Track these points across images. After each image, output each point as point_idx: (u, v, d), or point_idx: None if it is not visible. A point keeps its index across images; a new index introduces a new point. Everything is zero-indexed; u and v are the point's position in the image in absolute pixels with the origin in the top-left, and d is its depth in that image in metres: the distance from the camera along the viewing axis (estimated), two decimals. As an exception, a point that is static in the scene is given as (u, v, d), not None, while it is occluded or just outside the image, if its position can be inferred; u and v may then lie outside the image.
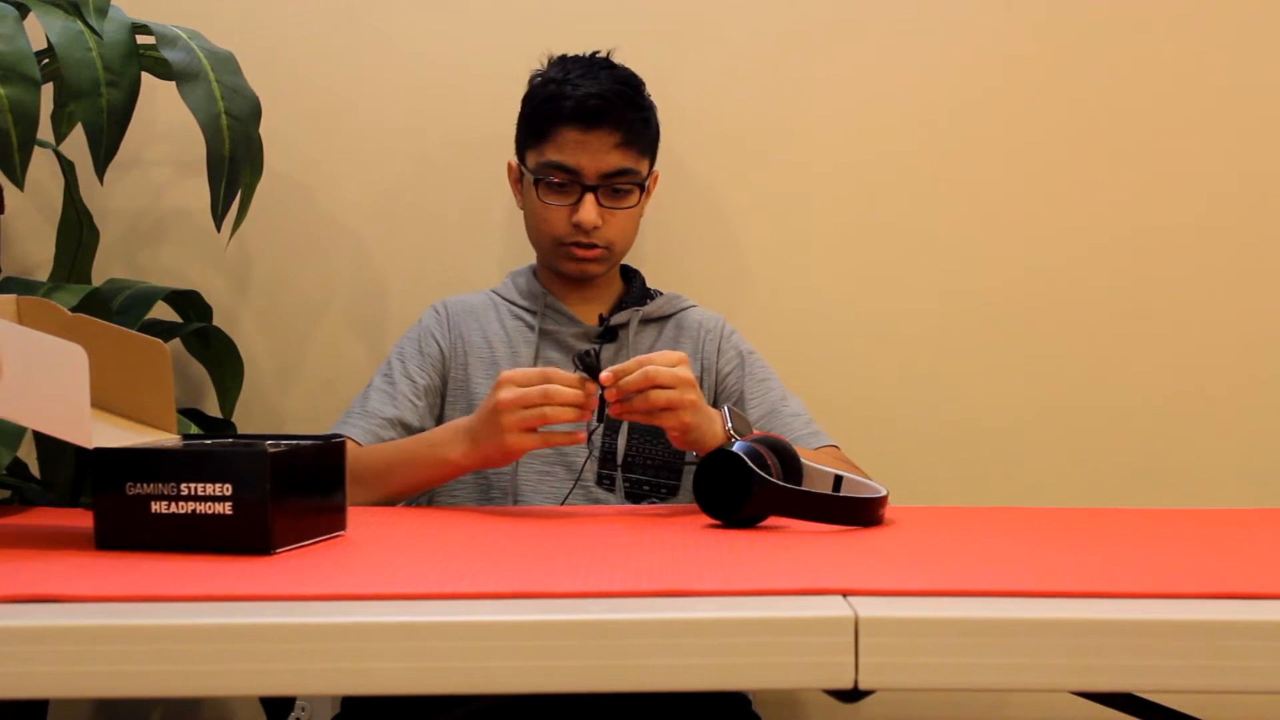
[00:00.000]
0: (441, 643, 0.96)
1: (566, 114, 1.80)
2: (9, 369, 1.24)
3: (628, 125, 1.81)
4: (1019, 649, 0.96)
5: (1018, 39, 2.20)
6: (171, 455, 1.26)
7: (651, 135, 1.88)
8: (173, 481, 1.24)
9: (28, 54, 1.65)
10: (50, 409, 1.26)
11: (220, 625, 0.96)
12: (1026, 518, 1.52)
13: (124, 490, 1.25)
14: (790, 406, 1.84)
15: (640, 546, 1.27)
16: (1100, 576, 1.13)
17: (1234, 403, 2.21)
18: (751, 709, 1.71)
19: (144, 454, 1.27)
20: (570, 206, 1.81)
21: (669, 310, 1.91)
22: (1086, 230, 2.21)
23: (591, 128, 1.80)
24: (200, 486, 1.23)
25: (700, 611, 0.98)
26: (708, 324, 1.91)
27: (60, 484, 1.88)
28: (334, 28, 2.20)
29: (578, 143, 1.80)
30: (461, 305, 1.91)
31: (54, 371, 1.25)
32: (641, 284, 1.95)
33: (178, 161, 2.20)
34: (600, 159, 1.80)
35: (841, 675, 0.96)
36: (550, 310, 1.88)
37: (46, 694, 0.99)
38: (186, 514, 1.24)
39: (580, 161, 1.80)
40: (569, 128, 1.80)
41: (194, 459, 1.24)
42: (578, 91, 1.80)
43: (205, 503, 1.23)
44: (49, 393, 1.25)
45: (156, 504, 1.24)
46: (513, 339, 1.87)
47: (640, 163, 1.85)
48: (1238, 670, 0.96)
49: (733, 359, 1.89)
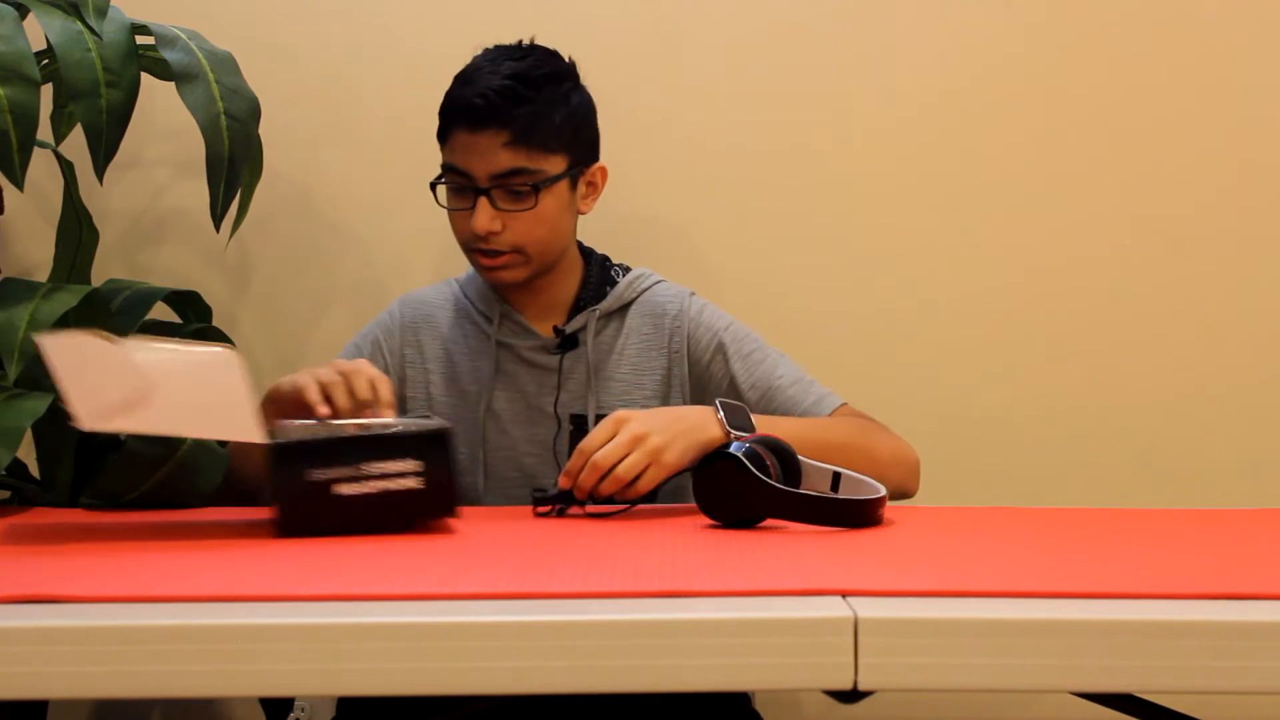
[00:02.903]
0: (441, 643, 0.96)
1: (456, 114, 1.73)
2: (161, 385, 1.26)
3: (517, 122, 1.69)
4: (1019, 649, 0.96)
5: (1017, 38, 2.20)
6: (351, 440, 1.34)
7: (557, 128, 1.73)
8: (354, 464, 1.32)
9: (27, 54, 1.65)
10: (212, 414, 1.30)
11: (220, 625, 0.96)
12: (1026, 518, 1.52)
13: (305, 478, 1.31)
14: (785, 376, 1.77)
15: (640, 546, 1.27)
16: (1100, 576, 1.13)
17: (1234, 403, 2.21)
18: (752, 709, 1.71)
19: (324, 442, 1.34)
20: (469, 211, 1.73)
21: (629, 298, 1.83)
22: (1087, 230, 2.21)
23: (478, 128, 1.70)
24: (386, 465, 1.33)
25: (700, 612, 0.98)
26: (673, 308, 1.83)
27: (60, 484, 1.88)
28: (334, 28, 2.20)
29: (467, 144, 1.72)
30: (422, 309, 1.86)
31: (208, 378, 1.29)
32: (601, 270, 1.86)
33: (177, 162, 2.20)
34: (489, 160, 1.70)
35: (841, 675, 0.96)
36: (506, 320, 1.82)
37: (46, 694, 0.99)
38: (375, 493, 1.32)
39: (470, 163, 1.72)
40: (459, 129, 1.72)
41: (374, 442, 1.34)
42: (467, 90, 1.72)
43: (395, 479, 1.33)
44: (207, 399, 1.29)
45: (338, 487, 1.32)
46: (472, 349, 1.82)
47: (542, 160, 1.72)
48: (1238, 670, 0.96)
49: (709, 345, 1.80)
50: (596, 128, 1.83)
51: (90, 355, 1.24)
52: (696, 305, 1.84)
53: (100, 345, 1.24)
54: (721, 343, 1.80)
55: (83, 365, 1.23)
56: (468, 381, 1.82)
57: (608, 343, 1.82)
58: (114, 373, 1.25)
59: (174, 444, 1.63)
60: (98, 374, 1.23)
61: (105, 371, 1.24)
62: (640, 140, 2.20)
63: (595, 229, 1.92)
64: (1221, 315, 2.21)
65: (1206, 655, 0.96)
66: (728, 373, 1.79)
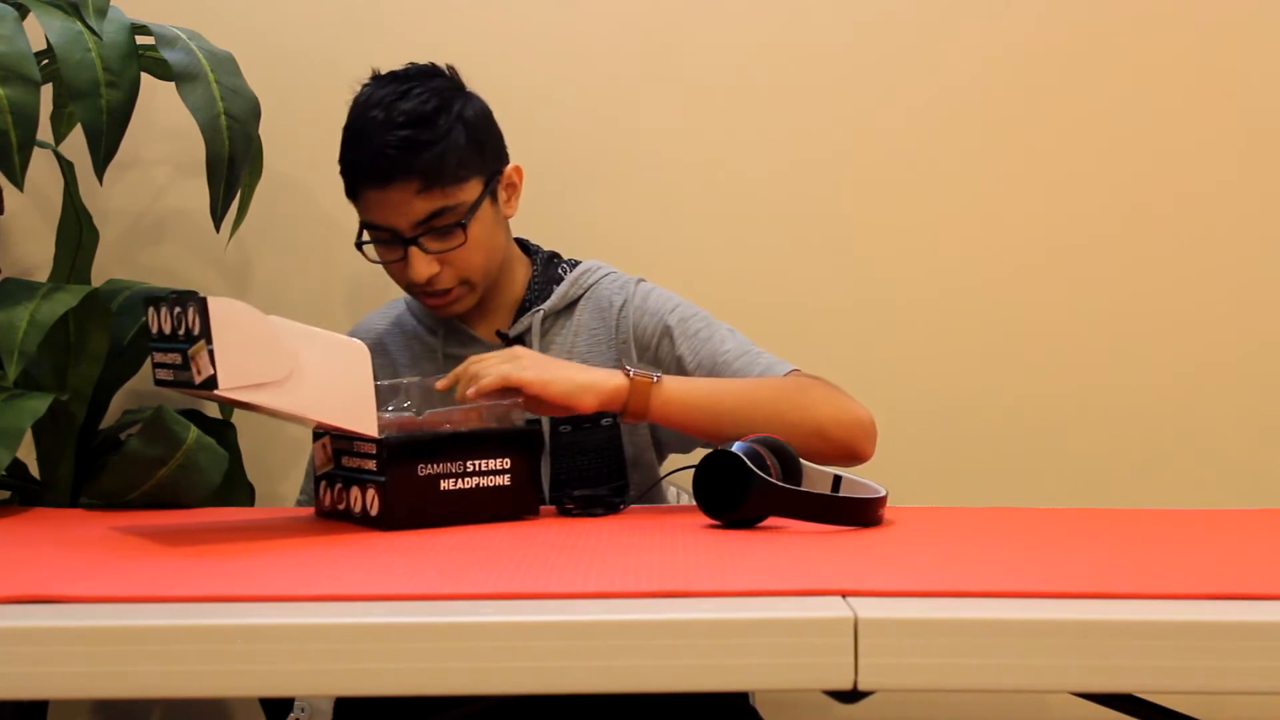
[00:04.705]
0: (441, 643, 0.96)
1: (360, 175, 1.69)
2: (301, 367, 1.30)
3: (424, 168, 1.65)
4: (1019, 649, 0.96)
5: (1017, 35, 2.20)
6: (456, 437, 1.42)
7: (463, 156, 1.68)
8: (460, 460, 1.41)
9: (27, 54, 1.66)
10: (337, 402, 1.34)
11: (220, 625, 0.96)
12: (1026, 518, 1.52)
13: (416, 472, 1.39)
14: (731, 350, 1.70)
15: (640, 546, 1.27)
16: (1100, 576, 1.13)
17: (1234, 403, 2.21)
18: (752, 709, 1.71)
19: (433, 438, 1.41)
20: (402, 261, 1.69)
21: (575, 295, 1.78)
22: (1088, 230, 2.21)
23: (387, 184, 1.66)
24: (483, 463, 1.42)
25: (700, 612, 0.98)
26: (618, 297, 1.77)
27: (60, 484, 1.88)
28: (334, 28, 2.20)
29: (379, 200, 1.67)
30: (369, 336, 1.82)
31: (338, 365, 1.34)
32: (547, 267, 1.81)
33: (177, 162, 2.20)
34: (406, 211, 1.66)
35: (841, 676, 0.96)
36: (451, 333, 1.79)
37: (46, 694, 0.99)
38: (471, 488, 1.41)
39: (389, 218, 1.67)
40: (368, 187, 1.68)
41: (476, 439, 1.43)
42: (364, 150, 1.68)
43: (487, 476, 1.42)
44: (336, 386, 1.34)
45: (445, 482, 1.40)
46: (422, 369, 1.78)
47: (457, 193, 1.68)
48: (1238, 670, 0.96)
49: (654, 330, 1.74)
50: (498, 130, 1.78)
51: (247, 323, 1.26)
52: (642, 292, 1.78)
53: (258, 316, 1.27)
54: (667, 325, 1.74)
55: (238, 329, 1.25)
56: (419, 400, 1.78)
57: (558, 342, 1.77)
58: (264, 345, 1.27)
59: (174, 444, 1.63)
60: (250, 343, 1.26)
61: (257, 342, 1.27)
62: (634, 140, 2.20)
63: (592, 230, 1.92)
64: (1222, 315, 2.21)
65: (1206, 655, 0.96)
66: (674, 354, 1.73)
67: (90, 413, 1.91)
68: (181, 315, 1.27)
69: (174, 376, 1.30)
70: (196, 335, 1.25)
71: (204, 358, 1.24)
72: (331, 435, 1.45)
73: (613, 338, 1.76)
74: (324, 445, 1.47)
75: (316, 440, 1.48)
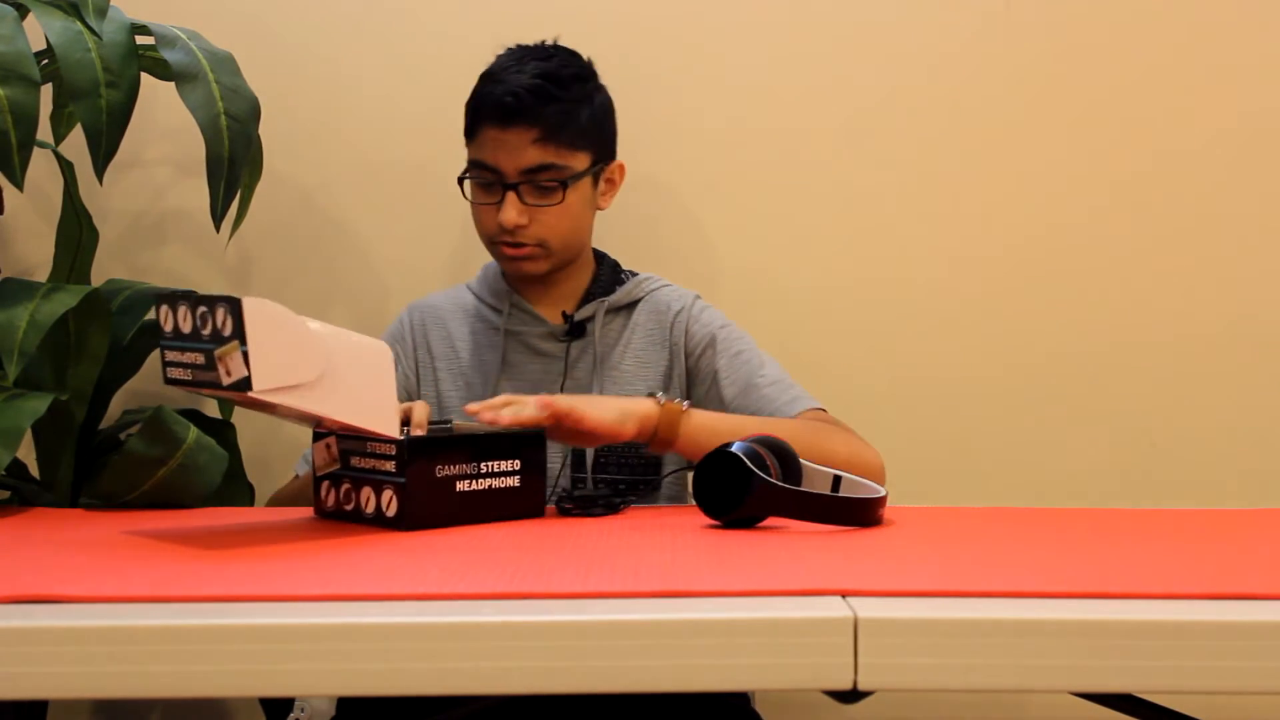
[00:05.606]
0: (441, 643, 0.96)
1: (486, 112, 1.77)
2: (331, 369, 1.30)
3: (547, 119, 1.75)
4: (1019, 649, 0.96)
5: (1016, 36, 2.20)
6: (471, 439, 1.44)
7: (583, 126, 1.79)
8: (475, 462, 1.43)
9: (27, 54, 1.65)
10: (361, 403, 1.35)
11: (220, 625, 0.96)
12: (1026, 518, 1.52)
13: (435, 473, 1.40)
14: (767, 376, 1.78)
15: (640, 546, 1.27)
16: (1100, 576, 1.13)
17: (1234, 403, 2.21)
18: (752, 709, 1.71)
19: (450, 439, 1.43)
20: (496, 205, 1.77)
21: (637, 295, 1.86)
22: (1089, 230, 2.21)
23: (508, 125, 1.75)
24: (495, 464, 1.45)
25: (700, 612, 0.98)
26: (676, 304, 1.86)
27: (60, 484, 1.88)
28: (334, 28, 2.20)
29: (496, 140, 1.76)
30: (431, 312, 1.89)
31: (363, 367, 1.35)
32: (612, 271, 1.90)
33: (177, 162, 2.20)
34: (518, 156, 1.75)
35: (841, 676, 0.96)
36: (516, 310, 1.85)
37: (46, 694, 0.99)
38: (484, 489, 1.44)
39: (499, 159, 1.76)
40: (489, 125, 1.77)
41: (489, 441, 1.45)
42: (497, 88, 1.76)
43: (498, 478, 1.45)
44: (361, 388, 1.35)
45: (461, 483, 1.42)
46: (479, 343, 1.85)
47: (569, 156, 1.77)
48: (1238, 670, 0.96)
49: (702, 340, 1.83)
50: (615, 127, 1.88)
51: (281, 324, 1.26)
52: (698, 306, 1.87)
53: (291, 317, 1.27)
54: (714, 338, 1.83)
55: (272, 331, 1.25)
56: (473, 375, 1.83)
57: (614, 335, 1.84)
58: (297, 348, 1.28)
59: (174, 444, 1.63)
60: (284, 345, 1.26)
61: (290, 344, 1.27)
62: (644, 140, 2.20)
63: (599, 227, 1.92)
64: (1223, 315, 2.21)
65: (1206, 655, 0.96)
66: (713, 367, 1.81)
67: (90, 413, 1.91)
68: (208, 315, 1.26)
69: (193, 376, 1.28)
70: (227, 336, 1.24)
71: (236, 359, 1.23)
72: (338, 436, 1.45)
73: (667, 338, 1.84)
74: (327, 446, 1.46)
75: (317, 440, 1.48)
